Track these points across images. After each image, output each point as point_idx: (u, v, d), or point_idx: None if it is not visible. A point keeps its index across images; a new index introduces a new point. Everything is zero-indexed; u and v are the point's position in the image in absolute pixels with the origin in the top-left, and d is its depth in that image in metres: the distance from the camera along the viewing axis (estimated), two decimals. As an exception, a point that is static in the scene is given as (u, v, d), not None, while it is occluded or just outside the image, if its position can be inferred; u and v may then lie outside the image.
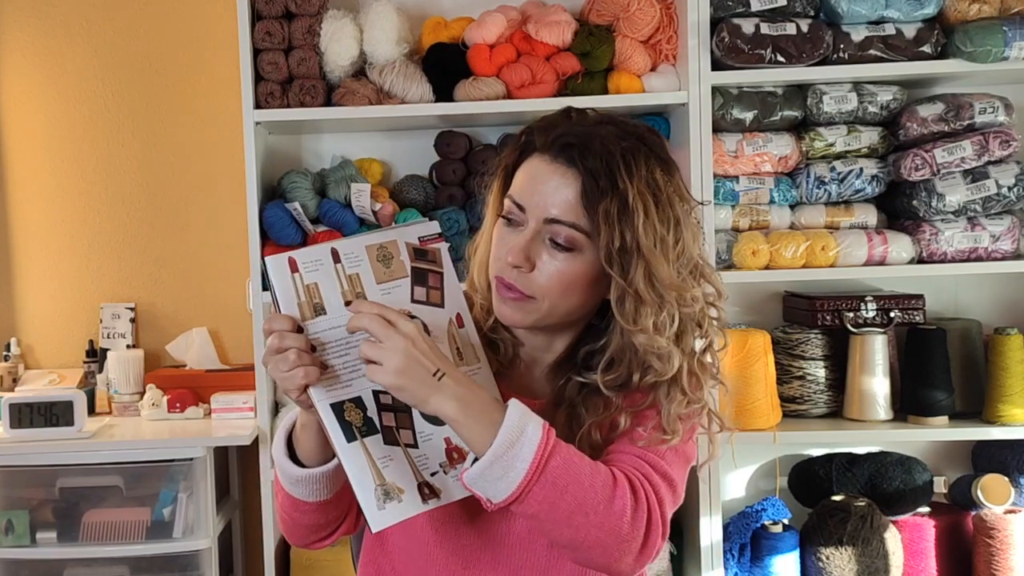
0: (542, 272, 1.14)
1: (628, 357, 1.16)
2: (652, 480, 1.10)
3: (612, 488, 1.05)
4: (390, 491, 1.08)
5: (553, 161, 1.15)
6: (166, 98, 2.77)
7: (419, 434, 1.11)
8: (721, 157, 2.35)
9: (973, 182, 2.33)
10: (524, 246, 1.14)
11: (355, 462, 1.07)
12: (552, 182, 1.14)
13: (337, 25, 2.35)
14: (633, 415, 1.16)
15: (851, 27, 2.31)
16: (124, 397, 2.57)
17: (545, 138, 1.17)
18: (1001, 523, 2.34)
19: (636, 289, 1.11)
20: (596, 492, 1.03)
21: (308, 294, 1.07)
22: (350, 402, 1.08)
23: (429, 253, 1.14)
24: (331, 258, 1.09)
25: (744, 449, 2.42)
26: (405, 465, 1.09)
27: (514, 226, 1.17)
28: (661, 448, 1.14)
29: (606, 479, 1.05)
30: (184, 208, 2.78)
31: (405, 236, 1.13)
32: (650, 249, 1.11)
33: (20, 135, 2.77)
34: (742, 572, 2.39)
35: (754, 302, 2.59)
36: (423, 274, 1.13)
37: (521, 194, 1.17)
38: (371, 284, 1.10)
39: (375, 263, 1.11)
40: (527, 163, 1.19)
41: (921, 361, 2.36)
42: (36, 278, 2.79)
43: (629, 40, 2.39)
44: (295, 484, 1.16)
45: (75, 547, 2.33)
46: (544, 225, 1.14)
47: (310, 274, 1.08)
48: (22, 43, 2.76)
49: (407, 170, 2.59)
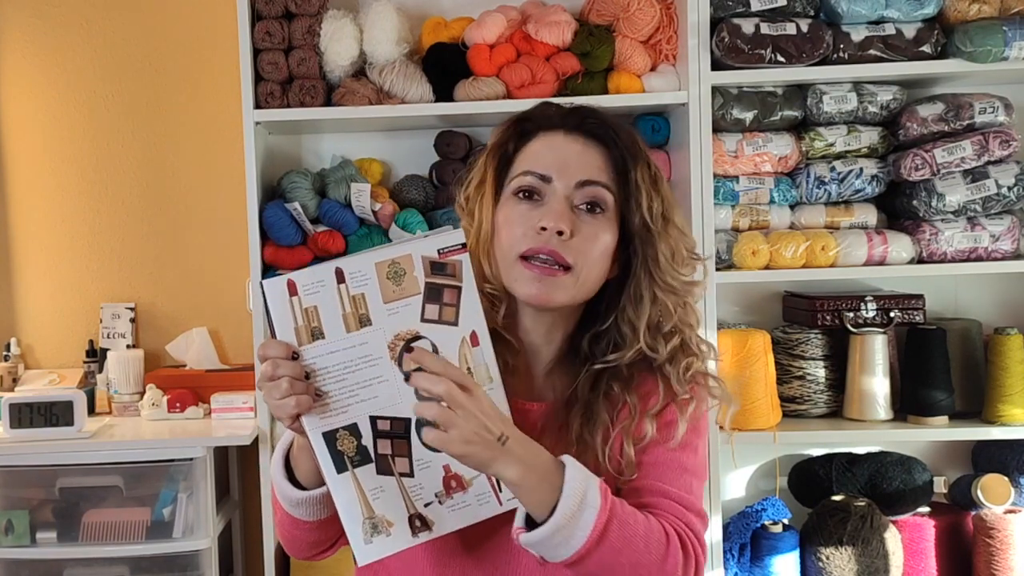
0: (582, 236, 1.16)
1: (655, 322, 1.20)
2: (694, 528, 1.13)
3: (665, 548, 1.07)
4: (378, 524, 1.07)
5: (570, 134, 1.19)
6: (166, 98, 2.77)
7: (416, 462, 1.08)
8: (721, 157, 2.35)
9: (973, 182, 2.33)
10: (564, 211, 1.15)
11: (344, 494, 1.06)
12: (576, 150, 1.18)
13: (337, 25, 2.35)
14: (655, 418, 1.18)
15: (851, 27, 2.31)
16: (124, 397, 2.57)
17: (553, 118, 1.20)
18: (1001, 523, 2.34)
19: (675, 244, 1.19)
20: (651, 552, 1.06)
21: (306, 318, 1.04)
22: (344, 429, 1.06)
23: (448, 266, 1.08)
24: (334, 278, 1.05)
25: (744, 449, 2.42)
26: (397, 496, 1.08)
27: (534, 201, 1.17)
28: (688, 480, 1.17)
29: (659, 539, 1.07)
30: (184, 208, 2.78)
31: (423, 249, 1.07)
32: (674, 209, 1.21)
33: (20, 135, 2.77)
34: (742, 572, 2.39)
35: (754, 302, 2.58)
36: (438, 290, 1.07)
37: (544, 165, 1.18)
38: (377, 304, 1.06)
39: (384, 281, 1.06)
40: (537, 141, 1.20)
41: (921, 361, 2.36)
42: (36, 278, 2.79)
43: (629, 40, 2.39)
44: (295, 506, 1.15)
45: (75, 547, 2.32)
46: (575, 190, 1.17)
47: (310, 297, 1.04)
48: (22, 43, 2.76)
49: (407, 170, 2.59)
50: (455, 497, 1.09)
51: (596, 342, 1.22)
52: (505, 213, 1.19)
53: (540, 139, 1.20)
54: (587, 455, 1.16)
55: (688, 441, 1.19)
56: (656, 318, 1.20)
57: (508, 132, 1.23)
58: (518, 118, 1.24)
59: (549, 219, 1.14)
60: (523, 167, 1.19)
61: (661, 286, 1.19)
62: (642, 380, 1.20)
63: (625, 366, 1.20)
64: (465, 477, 1.08)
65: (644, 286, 1.19)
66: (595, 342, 1.22)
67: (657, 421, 1.17)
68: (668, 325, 1.20)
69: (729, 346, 2.36)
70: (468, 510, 1.10)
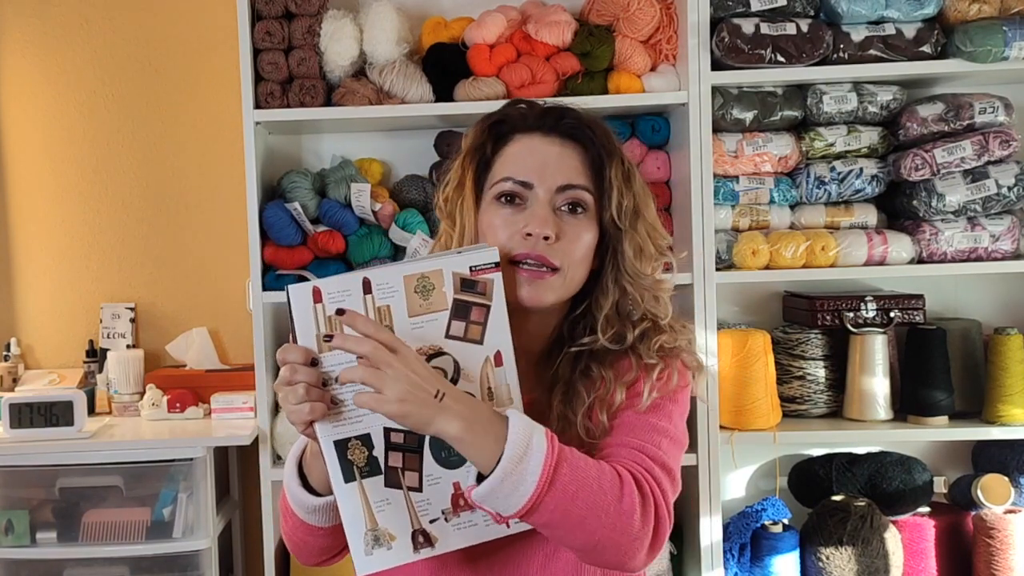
0: (567, 238, 1.18)
1: (623, 312, 1.22)
2: (654, 473, 1.11)
3: (619, 488, 1.05)
4: (380, 537, 1.07)
5: (548, 135, 1.21)
6: (166, 98, 2.77)
7: (427, 477, 1.08)
8: (721, 157, 2.35)
9: (973, 182, 2.33)
10: (547, 215, 1.17)
11: (349, 503, 1.07)
12: (554, 153, 1.20)
13: (337, 25, 2.35)
14: (627, 387, 1.19)
15: (851, 27, 2.31)
16: (124, 397, 2.56)
17: (529, 119, 1.22)
18: (1001, 523, 2.34)
19: (642, 241, 1.21)
20: (605, 494, 1.04)
21: (329, 325, 1.04)
22: (357, 439, 1.06)
23: (479, 284, 1.08)
24: (361, 288, 1.05)
25: (744, 449, 2.42)
26: (403, 510, 1.08)
27: (516, 207, 1.19)
28: (657, 438, 1.15)
29: (613, 479, 1.06)
30: (184, 208, 2.78)
31: (455, 265, 1.07)
32: (646, 204, 1.23)
33: (20, 135, 2.77)
34: (742, 572, 2.39)
35: (754, 302, 2.59)
36: (465, 307, 1.07)
37: (524, 171, 1.19)
38: (402, 317, 1.05)
39: (411, 294, 1.06)
40: (515, 144, 1.22)
41: (921, 361, 2.36)
42: (36, 278, 2.79)
43: (629, 40, 2.39)
44: (311, 512, 1.15)
45: (75, 547, 2.32)
46: (556, 194, 1.19)
47: (335, 305, 1.04)
48: (22, 43, 2.76)
49: (407, 170, 2.59)
50: (462, 516, 1.08)
51: (573, 328, 1.24)
52: (488, 218, 1.20)
53: (518, 141, 1.22)
54: (570, 432, 1.17)
55: (660, 405, 1.18)
56: (627, 308, 1.23)
57: (484, 134, 1.24)
58: (493, 120, 1.25)
59: (534, 225, 1.16)
60: (503, 172, 1.20)
61: (628, 280, 1.22)
62: (618, 359, 1.22)
63: (602, 349, 1.21)
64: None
65: (611, 279, 1.23)
66: (572, 328, 1.24)
67: (628, 391, 1.18)
68: (637, 315, 1.23)
69: (729, 346, 2.36)
70: (474, 530, 1.10)
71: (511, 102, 1.28)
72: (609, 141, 1.22)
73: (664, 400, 1.19)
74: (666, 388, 1.19)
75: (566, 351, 1.23)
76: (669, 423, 1.18)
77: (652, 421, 1.16)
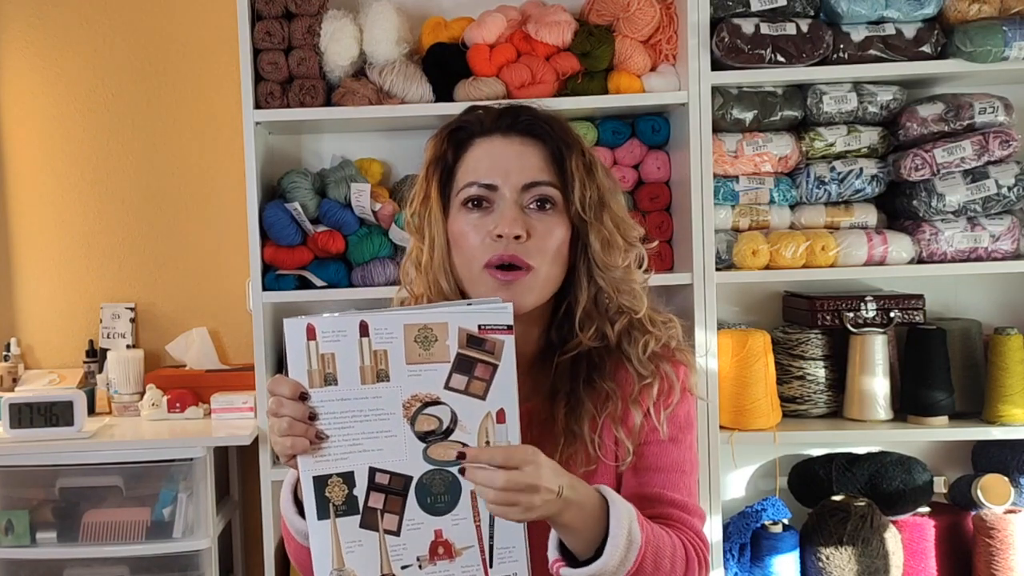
0: (537, 235, 1.18)
1: (600, 307, 1.22)
2: (701, 536, 1.18)
3: (685, 562, 1.13)
4: None
5: (506, 136, 1.21)
6: (166, 98, 2.77)
7: (407, 522, 1.07)
8: (721, 157, 2.35)
9: (973, 182, 2.33)
10: (515, 215, 1.17)
11: (319, 540, 1.07)
12: (515, 152, 1.19)
13: (337, 25, 2.35)
14: (638, 404, 1.19)
15: (851, 27, 2.31)
16: (124, 397, 2.56)
17: (486, 122, 1.22)
18: (1001, 523, 2.34)
19: (609, 233, 1.20)
20: (676, 570, 1.12)
21: (321, 363, 1.04)
22: (338, 476, 1.05)
23: (487, 343, 1.06)
24: (358, 331, 1.04)
25: (744, 449, 2.42)
26: (375, 553, 1.07)
27: (484, 210, 1.19)
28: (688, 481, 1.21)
29: (681, 554, 1.13)
30: (184, 208, 2.78)
31: (462, 320, 1.05)
32: (612, 195, 1.23)
33: (20, 135, 2.77)
34: (742, 572, 2.39)
35: (754, 302, 2.59)
36: (470, 363, 1.06)
37: (487, 174, 1.19)
38: (399, 363, 1.04)
39: (410, 343, 1.05)
40: (476, 148, 1.22)
41: (921, 361, 2.36)
42: (36, 278, 2.79)
43: (629, 40, 2.39)
44: (307, 538, 1.14)
45: (75, 547, 2.32)
46: (521, 193, 1.18)
47: (328, 344, 1.04)
48: (22, 43, 2.76)
49: (407, 170, 2.59)
50: (438, 564, 1.07)
51: (559, 331, 1.25)
52: (458, 225, 1.20)
53: (478, 146, 1.22)
54: (576, 445, 1.18)
55: (681, 438, 1.21)
56: (603, 303, 1.23)
57: (444, 144, 1.24)
58: (452, 128, 1.25)
59: (503, 225, 1.16)
60: (467, 178, 1.20)
61: (599, 272, 1.21)
62: (616, 368, 1.22)
63: (596, 354, 1.22)
64: (456, 546, 1.07)
65: (584, 274, 1.22)
66: (559, 331, 1.25)
67: (640, 408, 1.19)
68: (612, 309, 1.23)
69: (729, 346, 2.36)
70: None
71: (467, 109, 1.27)
72: (568, 134, 1.22)
73: (683, 431, 1.22)
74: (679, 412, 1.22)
75: (559, 359, 1.23)
76: (690, 454, 1.22)
77: (680, 463, 1.21)
